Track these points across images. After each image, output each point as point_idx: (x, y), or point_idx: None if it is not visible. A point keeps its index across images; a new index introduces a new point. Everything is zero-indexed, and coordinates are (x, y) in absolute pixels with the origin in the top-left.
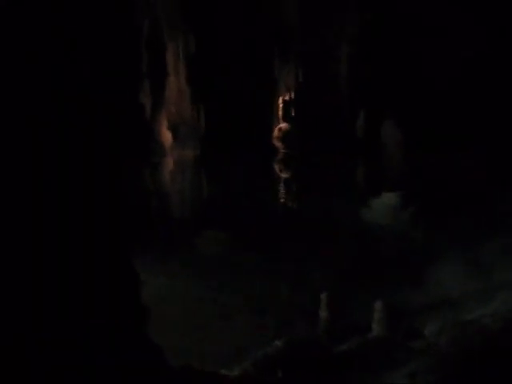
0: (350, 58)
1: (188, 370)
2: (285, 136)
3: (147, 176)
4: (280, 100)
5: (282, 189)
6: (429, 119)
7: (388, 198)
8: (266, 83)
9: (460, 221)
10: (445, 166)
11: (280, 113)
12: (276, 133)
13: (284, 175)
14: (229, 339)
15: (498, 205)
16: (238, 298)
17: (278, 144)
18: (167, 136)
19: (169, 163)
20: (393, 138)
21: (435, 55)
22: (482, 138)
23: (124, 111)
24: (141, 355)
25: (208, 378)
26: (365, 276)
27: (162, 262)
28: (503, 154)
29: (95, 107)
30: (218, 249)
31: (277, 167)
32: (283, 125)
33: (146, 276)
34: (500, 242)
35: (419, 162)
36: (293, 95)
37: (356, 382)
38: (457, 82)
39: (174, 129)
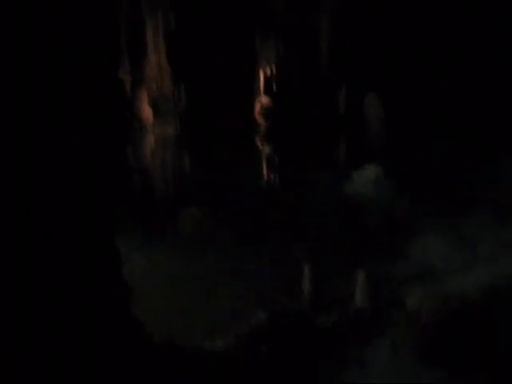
0: (332, 31)
1: (171, 345)
2: (266, 111)
3: (128, 153)
4: (261, 74)
5: (264, 164)
6: (412, 92)
7: (371, 171)
8: (246, 58)
9: (443, 194)
10: (429, 139)
11: (261, 87)
12: (257, 108)
13: (266, 150)
14: (212, 314)
15: (483, 178)
16: (221, 273)
17: (259, 119)
18: (148, 112)
19: (150, 140)
20: (375, 111)
21: (422, 28)
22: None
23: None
24: (123, 331)
25: (191, 352)
26: (348, 248)
27: (143, 239)
28: (489, 128)
29: (73, 83)
30: (200, 224)
31: (258, 141)
32: (265, 99)
33: (127, 252)
34: (484, 214)
35: (402, 134)
36: (274, 69)
37: (338, 351)
38: (443, 57)
39: (154, 105)
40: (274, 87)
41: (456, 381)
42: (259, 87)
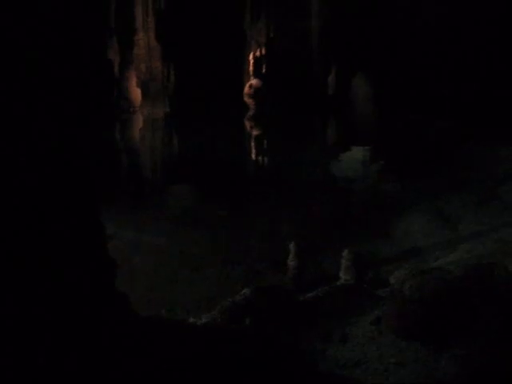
0: (321, 13)
1: (156, 319)
2: (256, 92)
3: (116, 132)
4: (251, 56)
5: (252, 145)
6: (400, 76)
7: (357, 152)
8: (236, 39)
9: (428, 175)
10: (414, 122)
11: (251, 69)
12: (247, 89)
13: (255, 132)
14: (198, 290)
15: (466, 159)
16: (207, 250)
17: (248, 101)
18: (136, 93)
19: (138, 120)
20: (363, 94)
21: (410, 11)
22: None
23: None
24: (107, 306)
25: (175, 326)
26: (334, 227)
27: (132, 216)
28: (473, 111)
29: (59, 63)
30: (188, 202)
31: (248, 124)
32: (254, 81)
33: (116, 229)
34: (467, 195)
35: (389, 117)
36: (263, 51)
37: (321, 328)
38: (431, 40)
39: (143, 86)
40: (264, 69)
41: (438, 357)
42: (249, 69)
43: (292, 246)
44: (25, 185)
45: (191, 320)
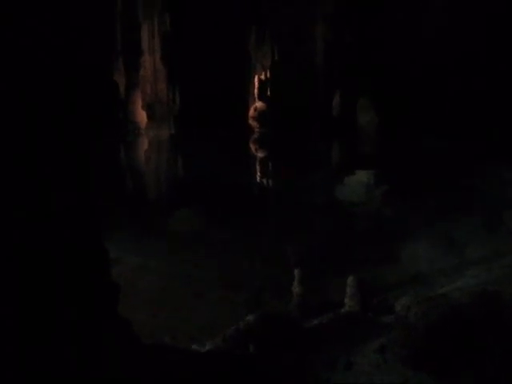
0: (326, 38)
1: (159, 346)
2: (260, 115)
3: (122, 155)
4: (256, 79)
5: (257, 168)
6: (403, 101)
7: (361, 176)
8: (241, 62)
9: (433, 198)
10: (418, 145)
11: (256, 92)
12: (251, 112)
13: (259, 154)
14: (202, 315)
15: (471, 182)
16: (210, 275)
17: (253, 123)
18: (142, 115)
19: (144, 142)
20: (367, 118)
21: (412, 38)
22: (456, 118)
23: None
24: (110, 331)
25: (178, 354)
26: (338, 251)
27: (136, 240)
28: (476, 133)
29: (67, 84)
30: (192, 226)
31: (252, 146)
32: (259, 104)
33: (119, 253)
34: (472, 219)
35: (393, 141)
36: (268, 74)
37: (326, 355)
38: (432, 67)
39: (148, 108)
40: (268, 92)
41: None
42: (254, 92)
43: (297, 272)
44: (28, 209)
45: (194, 347)
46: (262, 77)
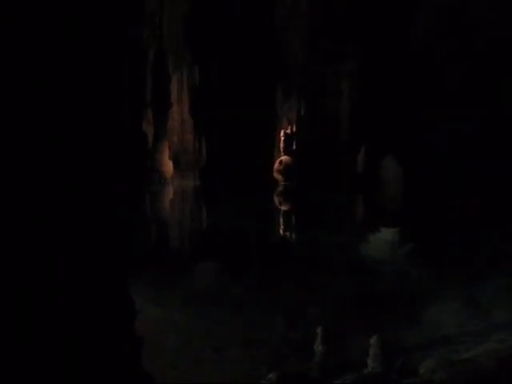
0: (351, 92)
1: None
2: (285, 169)
3: (147, 204)
4: (281, 133)
5: (281, 221)
6: (430, 156)
7: (387, 234)
8: (267, 115)
9: (459, 259)
10: (445, 204)
11: (281, 145)
12: (277, 165)
13: (283, 208)
14: (223, 371)
15: (497, 243)
16: (232, 330)
17: (278, 176)
18: (169, 165)
19: (169, 192)
20: (393, 174)
21: (437, 91)
22: (483, 177)
23: (127, 139)
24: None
25: None
26: (362, 312)
27: (157, 291)
28: (503, 192)
29: (96, 133)
30: (214, 279)
31: (276, 200)
32: (284, 157)
33: (142, 304)
34: (499, 281)
35: (419, 198)
36: (294, 128)
37: None
38: (458, 120)
39: (174, 157)
40: (294, 145)
41: None
42: (279, 145)
43: (319, 331)
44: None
45: None
46: (288, 130)
